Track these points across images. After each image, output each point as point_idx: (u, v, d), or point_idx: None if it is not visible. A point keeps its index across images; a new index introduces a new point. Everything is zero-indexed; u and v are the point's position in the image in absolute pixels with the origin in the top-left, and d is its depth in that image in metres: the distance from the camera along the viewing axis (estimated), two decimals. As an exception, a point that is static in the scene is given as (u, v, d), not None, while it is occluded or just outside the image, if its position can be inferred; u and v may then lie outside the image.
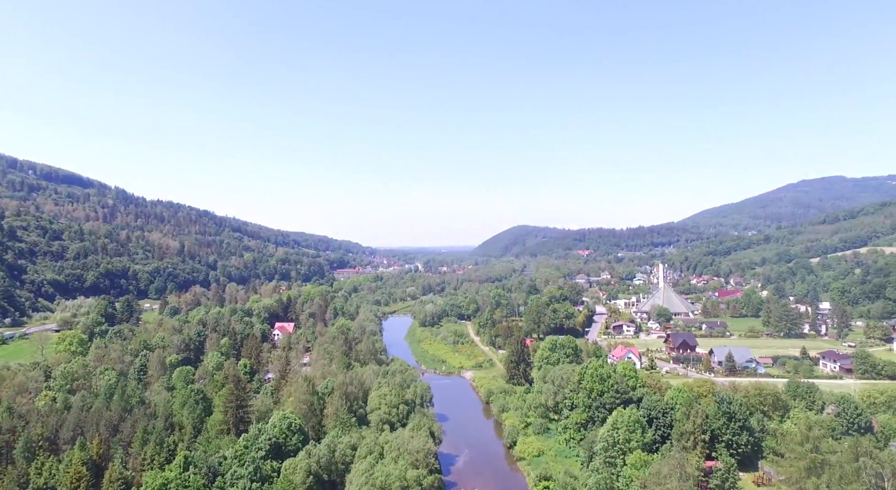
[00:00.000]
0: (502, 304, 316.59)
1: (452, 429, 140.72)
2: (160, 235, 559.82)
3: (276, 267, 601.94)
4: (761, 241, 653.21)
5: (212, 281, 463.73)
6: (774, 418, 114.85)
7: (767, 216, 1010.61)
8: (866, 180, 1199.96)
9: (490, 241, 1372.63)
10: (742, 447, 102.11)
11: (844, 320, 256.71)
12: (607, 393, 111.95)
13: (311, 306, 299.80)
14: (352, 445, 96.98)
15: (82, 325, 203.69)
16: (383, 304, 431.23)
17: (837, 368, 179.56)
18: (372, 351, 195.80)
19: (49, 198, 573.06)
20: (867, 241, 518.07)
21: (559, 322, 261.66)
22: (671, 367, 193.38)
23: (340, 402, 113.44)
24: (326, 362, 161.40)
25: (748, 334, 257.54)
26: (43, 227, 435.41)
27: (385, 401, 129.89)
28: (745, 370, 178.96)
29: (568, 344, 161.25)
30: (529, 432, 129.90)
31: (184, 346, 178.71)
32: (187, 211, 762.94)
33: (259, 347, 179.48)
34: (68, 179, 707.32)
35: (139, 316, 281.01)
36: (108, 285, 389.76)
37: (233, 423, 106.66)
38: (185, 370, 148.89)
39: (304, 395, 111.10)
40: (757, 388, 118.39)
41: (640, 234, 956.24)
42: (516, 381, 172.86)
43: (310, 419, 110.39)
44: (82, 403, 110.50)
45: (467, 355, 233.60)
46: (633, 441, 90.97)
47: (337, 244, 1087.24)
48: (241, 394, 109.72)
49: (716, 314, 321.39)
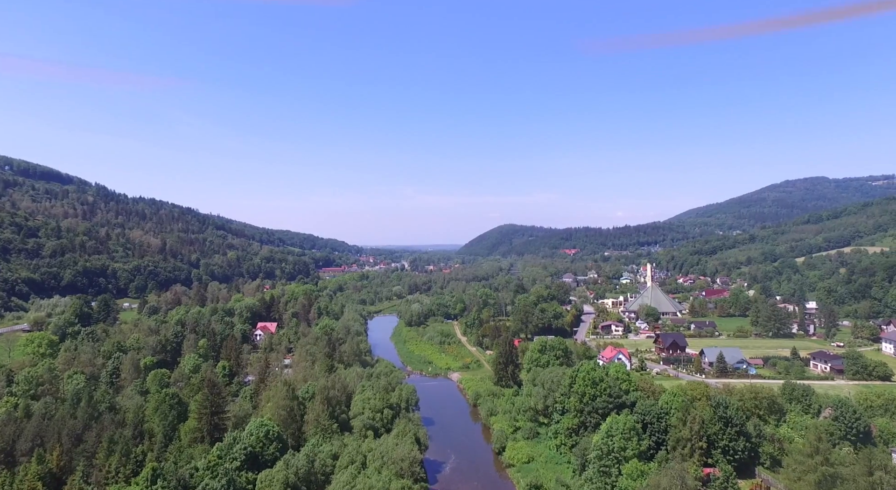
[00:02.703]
0: (489, 304, 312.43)
1: (439, 433, 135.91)
2: (141, 233, 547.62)
3: (261, 265, 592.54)
4: (747, 241, 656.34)
5: (194, 279, 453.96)
6: (770, 422, 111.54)
7: (751, 216, 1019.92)
8: (848, 181, 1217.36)
9: (477, 240, 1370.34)
10: (739, 453, 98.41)
11: (832, 320, 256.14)
12: (600, 397, 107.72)
13: (295, 306, 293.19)
14: (333, 454, 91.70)
15: (53, 326, 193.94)
16: (369, 303, 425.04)
17: (828, 369, 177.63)
18: (356, 352, 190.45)
19: (26, 194, 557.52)
20: (850, 241, 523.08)
21: (547, 322, 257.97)
22: (661, 368, 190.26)
23: (322, 408, 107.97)
24: (308, 364, 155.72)
25: (737, 334, 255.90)
26: (18, 223, 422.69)
27: (369, 405, 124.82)
28: (736, 371, 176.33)
29: (558, 345, 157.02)
30: (518, 437, 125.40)
31: (160, 347, 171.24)
32: (170, 208, 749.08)
33: (239, 349, 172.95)
34: (47, 175, 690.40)
35: (117, 315, 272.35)
36: (87, 284, 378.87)
37: (207, 430, 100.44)
38: (160, 373, 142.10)
39: (283, 401, 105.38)
40: (752, 392, 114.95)
41: (627, 233, 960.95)
42: (504, 383, 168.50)
43: (289, 426, 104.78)
44: (45, 410, 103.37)
45: (454, 356, 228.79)
46: (629, 449, 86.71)
47: (323, 242, 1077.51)
48: (216, 399, 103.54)
49: (704, 314, 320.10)
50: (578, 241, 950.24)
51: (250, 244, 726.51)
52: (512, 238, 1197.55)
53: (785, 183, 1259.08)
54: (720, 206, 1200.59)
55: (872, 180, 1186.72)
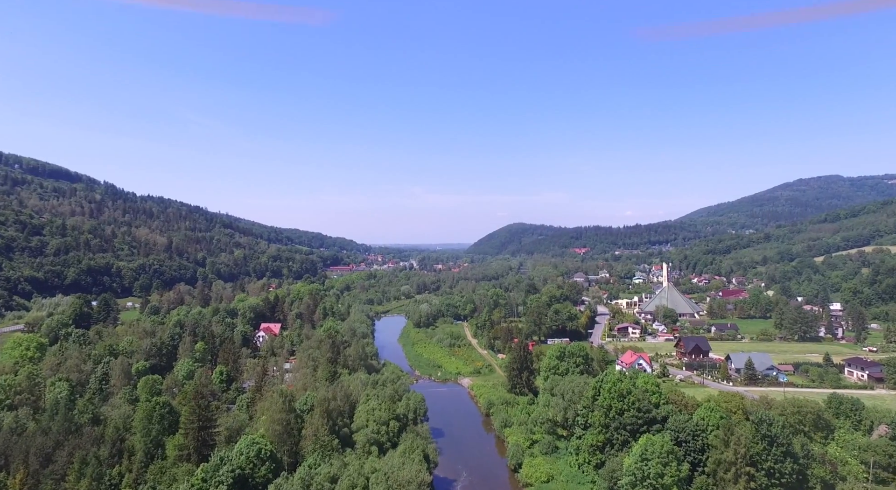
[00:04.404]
0: (500, 304, 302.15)
1: (449, 446, 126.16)
2: (148, 231, 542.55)
3: (268, 264, 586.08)
4: (761, 240, 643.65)
5: (199, 278, 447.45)
6: (816, 440, 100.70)
7: (764, 215, 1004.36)
8: (863, 179, 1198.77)
9: (486, 239, 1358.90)
10: (786, 476, 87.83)
11: (861, 323, 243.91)
12: (628, 411, 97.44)
13: (300, 306, 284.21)
14: (331, 477, 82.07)
15: (46, 327, 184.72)
16: (377, 303, 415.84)
17: (866, 377, 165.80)
18: (362, 356, 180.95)
19: (34, 192, 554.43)
20: (870, 241, 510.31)
21: (561, 324, 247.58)
22: (685, 374, 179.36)
23: (321, 422, 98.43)
24: (310, 371, 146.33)
25: (760, 337, 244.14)
26: (22, 221, 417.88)
27: (374, 417, 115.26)
28: (766, 379, 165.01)
29: (578, 352, 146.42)
30: (536, 452, 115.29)
31: (155, 351, 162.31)
32: (178, 206, 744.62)
33: (237, 353, 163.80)
34: (55, 174, 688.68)
35: (117, 316, 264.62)
36: (91, 283, 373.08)
37: (194, 447, 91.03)
38: (152, 379, 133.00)
39: (278, 414, 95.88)
40: (794, 405, 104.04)
41: (637, 232, 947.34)
42: (518, 390, 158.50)
43: (285, 442, 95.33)
44: (16, 424, 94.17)
45: (464, 360, 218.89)
46: (667, 476, 76.57)
47: (332, 241, 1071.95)
48: (204, 413, 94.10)
49: (722, 315, 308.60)
50: (588, 240, 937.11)
51: (257, 243, 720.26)
52: (521, 237, 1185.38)
53: (798, 181, 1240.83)
54: (732, 205, 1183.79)
55: (888, 179, 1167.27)
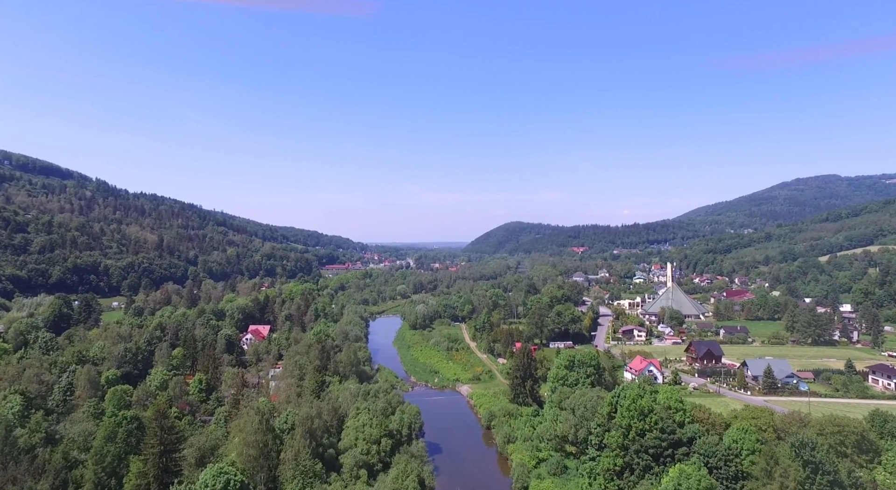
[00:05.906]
0: (500, 305, 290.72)
1: (447, 465, 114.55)
2: (138, 229, 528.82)
3: (261, 263, 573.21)
4: (762, 239, 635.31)
5: (190, 277, 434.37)
6: (861, 464, 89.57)
7: (763, 214, 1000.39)
8: (861, 179, 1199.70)
9: (483, 238, 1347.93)
10: (833, 510, 76.91)
11: (876, 326, 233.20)
12: (649, 432, 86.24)
13: (291, 307, 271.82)
14: (312, 512, 70.61)
15: (13, 331, 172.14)
16: (372, 303, 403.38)
17: (893, 386, 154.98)
18: (353, 361, 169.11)
19: (22, 189, 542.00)
20: (873, 240, 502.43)
21: (564, 326, 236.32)
22: (698, 381, 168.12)
23: (303, 443, 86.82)
24: (295, 380, 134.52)
25: (772, 341, 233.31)
26: (6, 218, 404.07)
27: (363, 434, 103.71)
28: (786, 387, 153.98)
29: (589, 361, 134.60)
30: (543, 472, 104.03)
31: (129, 357, 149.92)
32: (171, 204, 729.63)
33: (218, 359, 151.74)
34: (46, 170, 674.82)
35: (99, 316, 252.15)
36: (76, 282, 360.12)
37: (154, 475, 79.05)
38: (121, 390, 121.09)
39: (253, 435, 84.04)
40: (834, 424, 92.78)
41: (636, 231, 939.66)
42: (522, 400, 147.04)
43: (261, 467, 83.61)
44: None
45: (463, 365, 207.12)
46: (706, 516, 65.52)
47: (327, 239, 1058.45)
48: (167, 435, 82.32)
49: (730, 317, 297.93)
50: (586, 239, 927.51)
51: (251, 241, 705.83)
52: (518, 236, 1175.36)
53: (796, 180, 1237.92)
54: (730, 204, 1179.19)
55: (886, 178, 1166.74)
